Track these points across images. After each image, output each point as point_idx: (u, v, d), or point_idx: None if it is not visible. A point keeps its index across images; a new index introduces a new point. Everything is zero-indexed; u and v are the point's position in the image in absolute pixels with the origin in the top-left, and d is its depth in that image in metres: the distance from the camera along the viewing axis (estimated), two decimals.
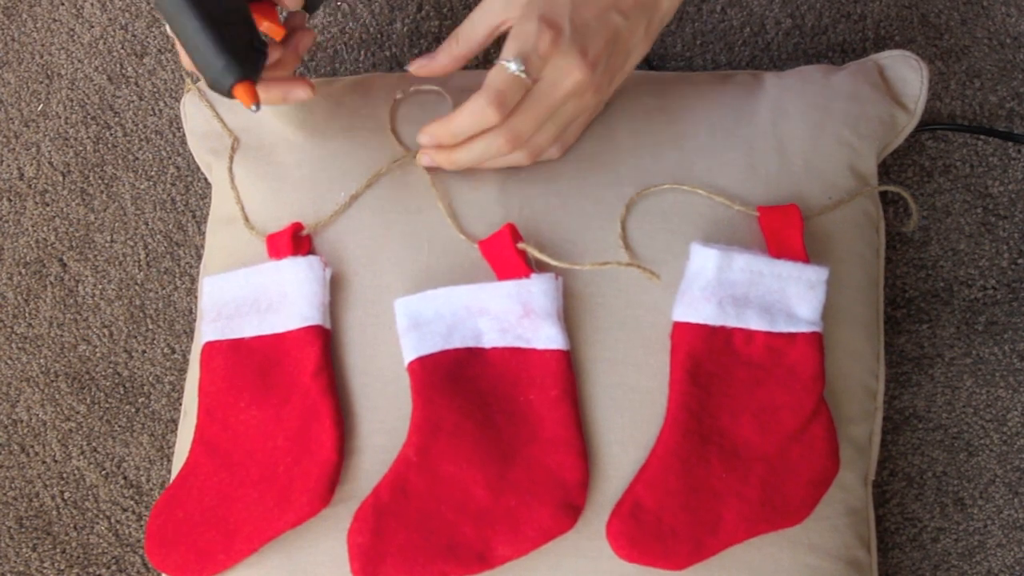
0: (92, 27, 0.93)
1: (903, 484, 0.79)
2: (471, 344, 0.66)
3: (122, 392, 0.85)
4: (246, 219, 0.73)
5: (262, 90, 0.64)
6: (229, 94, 0.61)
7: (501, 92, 0.62)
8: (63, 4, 0.94)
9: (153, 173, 0.89)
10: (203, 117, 0.78)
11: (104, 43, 0.93)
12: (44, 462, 0.84)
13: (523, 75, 0.62)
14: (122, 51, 0.93)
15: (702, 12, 0.91)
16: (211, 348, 0.70)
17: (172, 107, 0.91)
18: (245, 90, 0.61)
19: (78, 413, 0.84)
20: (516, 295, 0.65)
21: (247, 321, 0.69)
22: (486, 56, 0.90)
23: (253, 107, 0.61)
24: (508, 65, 0.62)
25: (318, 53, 0.92)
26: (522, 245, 0.66)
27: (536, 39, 0.62)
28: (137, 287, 0.87)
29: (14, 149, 0.91)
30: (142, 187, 0.89)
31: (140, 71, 0.92)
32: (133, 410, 0.84)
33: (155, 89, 0.92)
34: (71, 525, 0.82)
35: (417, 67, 0.68)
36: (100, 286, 0.87)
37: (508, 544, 0.62)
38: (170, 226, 0.88)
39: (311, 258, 0.68)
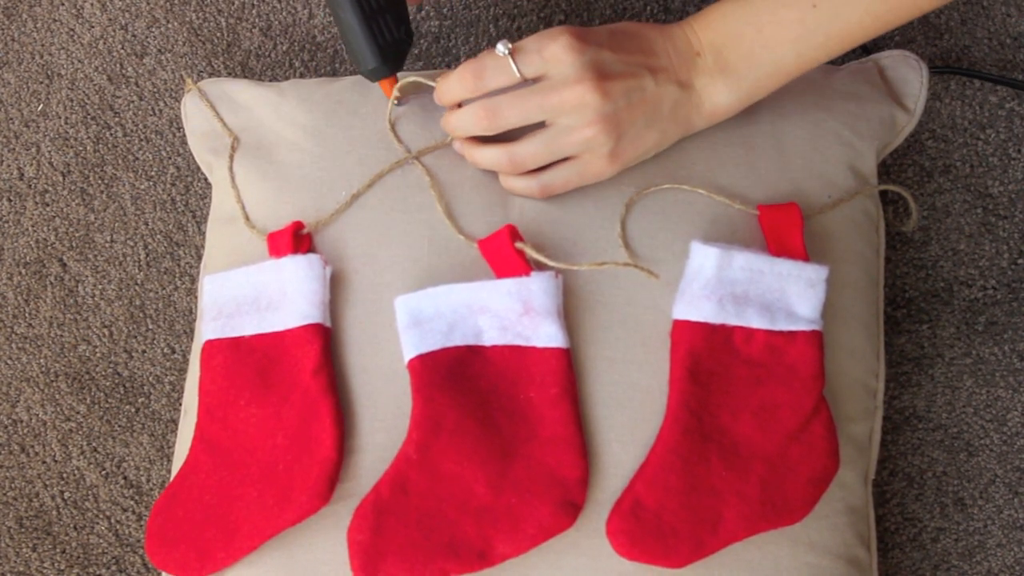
0: (92, 27, 0.94)
1: (903, 484, 0.79)
2: (471, 342, 0.66)
3: (122, 392, 0.85)
4: (247, 218, 0.73)
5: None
6: (374, 80, 0.72)
7: (479, 62, 0.65)
8: (63, 4, 0.94)
9: (153, 173, 0.89)
10: (203, 117, 0.78)
11: (104, 43, 0.93)
12: (44, 462, 0.84)
13: (507, 56, 0.64)
14: (122, 51, 0.93)
15: None
16: (211, 347, 0.70)
17: (172, 107, 0.91)
18: (389, 84, 0.72)
19: (78, 413, 0.84)
20: (516, 293, 0.65)
21: (247, 319, 0.69)
22: None
23: (393, 101, 0.72)
24: (496, 46, 0.64)
25: (318, 53, 0.92)
26: (520, 245, 0.66)
27: (545, 39, 0.63)
28: (137, 287, 0.87)
29: (14, 149, 0.91)
30: (142, 187, 0.89)
31: (140, 71, 0.92)
32: (133, 410, 0.84)
33: (155, 89, 0.92)
34: (71, 525, 0.82)
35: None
36: (100, 286, 0.87)
37: (508, 542, 0.62)
38: (170, 226, 0.88)
39: (311, 256, 0.68)
